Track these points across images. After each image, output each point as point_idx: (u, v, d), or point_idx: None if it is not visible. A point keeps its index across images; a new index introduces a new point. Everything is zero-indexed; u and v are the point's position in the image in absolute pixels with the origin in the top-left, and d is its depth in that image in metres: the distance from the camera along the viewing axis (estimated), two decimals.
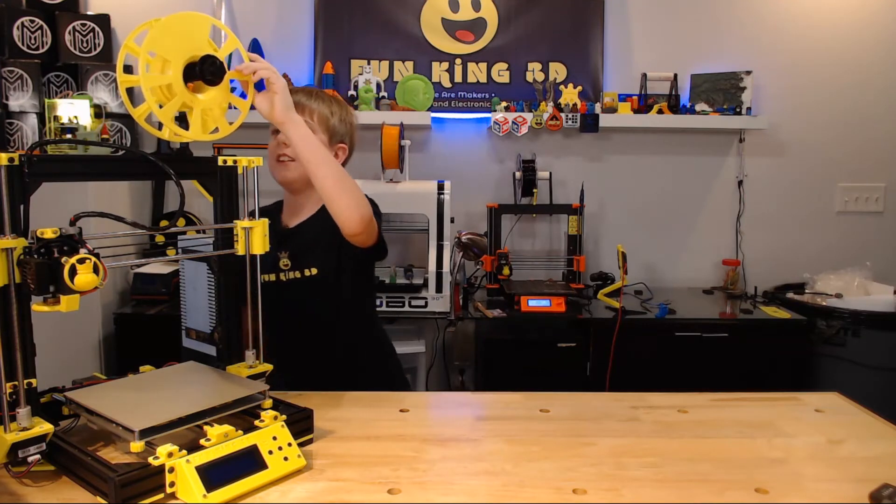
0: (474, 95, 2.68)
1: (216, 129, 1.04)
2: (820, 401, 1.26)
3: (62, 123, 2.10)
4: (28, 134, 2.41)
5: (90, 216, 0.88)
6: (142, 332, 2.19)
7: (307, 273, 1.43)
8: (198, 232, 1.39)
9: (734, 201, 2.78)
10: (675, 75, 2.61)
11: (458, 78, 2.68)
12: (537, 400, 1.24)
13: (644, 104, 2.59)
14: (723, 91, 2.62)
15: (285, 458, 0.93)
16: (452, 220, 2.31)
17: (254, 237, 1.06)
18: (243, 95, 1.15)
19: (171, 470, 0.84)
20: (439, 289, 2.26)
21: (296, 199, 1.49)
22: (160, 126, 1.00)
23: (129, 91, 1.00)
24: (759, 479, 0.94)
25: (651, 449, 1.04)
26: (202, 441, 0.89)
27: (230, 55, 1.06)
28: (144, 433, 0.86)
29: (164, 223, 2.46)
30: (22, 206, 0.84)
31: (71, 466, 0.89)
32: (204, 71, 0.98)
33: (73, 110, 2.12)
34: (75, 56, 2.51)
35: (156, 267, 2.35)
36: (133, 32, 0.99)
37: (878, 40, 2.70)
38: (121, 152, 1.12)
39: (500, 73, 2.68)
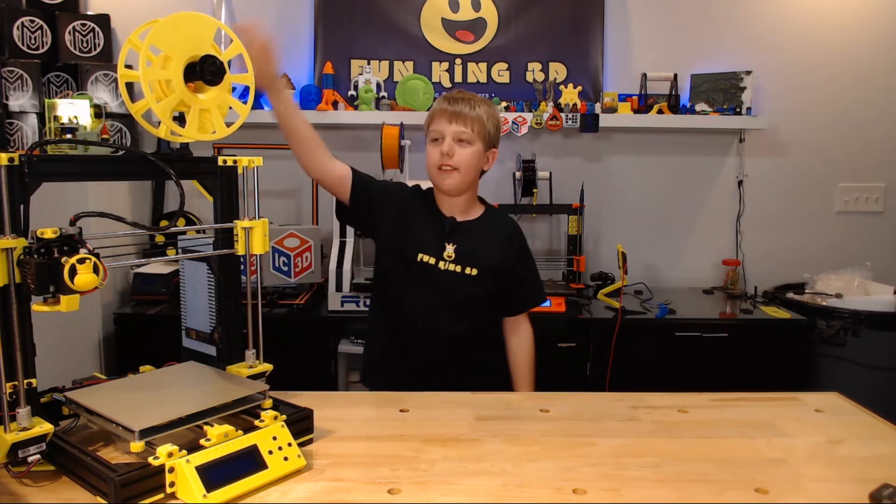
0: None
1: (214, 132, 1.04)
2: (820, 401, 1.26)
3: (62, 123, 2.10)
4: (28, 134, 2.41)
5: (90, 216, 0.88)
6: (142, 332, 2.18)
7: (467, 271, 1.49)
8: (198, 232, 1.39)
9: (734, 201, 2.78)
10: (675, 75, 2.61)
11: (458, 78, 2.68)
12: (537, 400, 1.24)
13: (644, 104, 2.59)
14: (723, 91, 2.62)
15: (285, 458, 0.93)
16: None
17: (254, 237, 1.06)
18: (243, 98, 1.15)
19: (171, 470, 0.84)
20: None
21: (452, 199, 1.55)
22: (158, 124, 1.00)
23: (129, 88, 0.99)
24: (759, 479, 0.94)
25: (651, 449, 1.04)
26: (202, 441, 0.89)
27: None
28: (144, 433, 0.86)
29: (164, 223, 2.46)
30: (22, 206, 0.84)
31: (71, 466, 0.89)
32: (204, 70, 0.98)
33: (73, 110, 2.12)
34: (75, 56, 2.51)
35: (156, 267, 2.35)
36: (138, 29, 0.99)
37: (878, 40, 2.70)
38: (121, 152, 1.12)
39: (500, 73, 2.68)
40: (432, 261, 1.49)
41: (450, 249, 1.50)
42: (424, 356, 1.50)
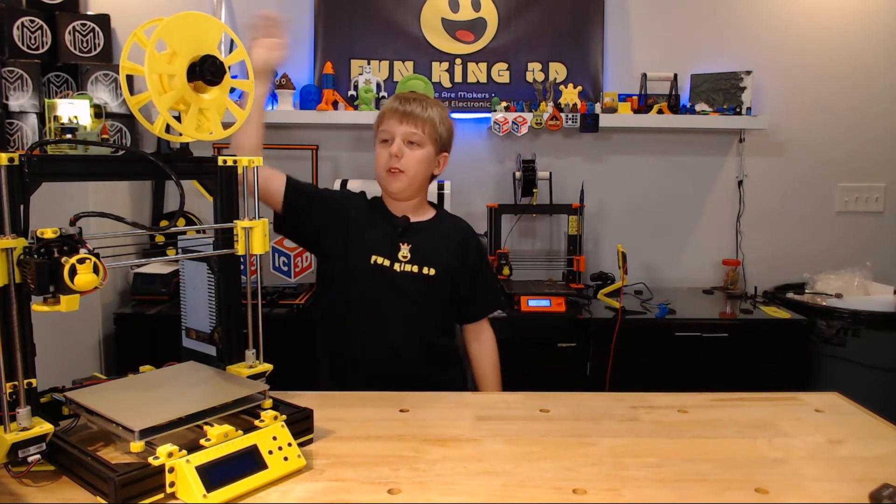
0: (474, 95, 2.68)
1: (211, 133, 1.03)
2: (820, 401, 1.26)
3: (62, 123, 2.10)
4: (28, 134, 2.41)
5: (90, 216, 0.88)
6: (142, 332, 2.18)
7: (425, 271, 1.45)
8: (198, 232, 1.39)
9: (734, 201, 2.78)
10: (675, 75, 2.61)
11: (458, 78, 2.68)
12: (537, 400, 1.24)
13: (644, 104, 2.59)
14: (723, 91, 2.62)
15: (285, 458, 0.93)
16: None
17: (254, 237, 1.06)
18: (242, 97, 1.15)
19: (171, 470, 0.84)
20: None
21: (401, 203, 1.51)
22: (153, 120, 1.00)
23: (129, 83, 0.99)
24: (759, 479, 0.94)
25: (651, 449, 1.04)
26: (202, 441, 0.89)
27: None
28: (144, 433, 0.86)
29: (164, 223, 2.46)
30: (22, 206, 0.84)
31: (71, 466, 0.89)
32: (204, 70, 0.98)
33: (73, 110, 2.13)
34: (75, 56, 2.51)
35: (156, 267, 2.35)
36: (143, 25, 0.99)
37: (878, 40, 2.70)
38: (121, 152, 1.12)
39: (500, 73, 2.68)
40: (387, 262, 1.44)
41: (405, 249, 1.44)
42: (379, 376, 1.42)
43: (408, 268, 1.44)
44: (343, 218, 1.48)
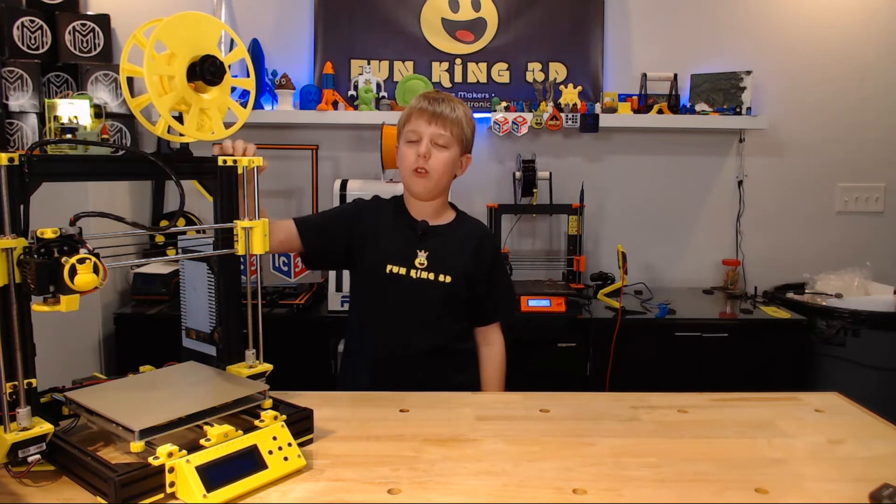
0: (474, 95, 2.68)
1: (213, 132, 1.03)
2: (820, 401, 1.26)
3: (62, 123, 2.10)
4: (28, 134, 2.41)
5: (90, 216, 0.88)
6: (142, 332, 2.18)
7: (441, 279, 1.44)
8: (198, 232, 1.39)
9: (734, 201, 2.78)
10: (675, 75, 2.61)
11: (458, 78, 2.68)
12: (537, 400, 1.24)
13: (644, 104, 2.59)
14: (723, 91, 2.62)
15: (285, 458, 0.93)
16: None
17: (254, 237, 1.06)
18: (244, 97, 1.15)
19: (171, 470, 0.84)
20: None
21: (423, 204, 1.51)
22: (156, 121, 1.00)
23: (130, 84, 0.99)
24: (759, 479, 0.94)
25: (651, 449, 1.04)
26: (202, 441, 0.89)
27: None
28: (144, 433, 0.86)
29: (164, 223, 2.46)
30: (22, 206, 0.84)
31: (71, 466, 0.89)
32: (204, 70, 0.98)
33: (73, 110, 2.13)
34: (75, 56, 2.51)
35: (156, 267, 2.35)
36: (143, 25, 0.99)
37: (878, 41, 2.70)
38: (121, 152, 1.12)
39: (500, 73, 2.68)
40: (402, 271, 1.44)
41: (422, 257, 1.45)
42: (396, 379, 1.40)
43: (424, 275, 1.44)
44: (359, 232, 1.49)
